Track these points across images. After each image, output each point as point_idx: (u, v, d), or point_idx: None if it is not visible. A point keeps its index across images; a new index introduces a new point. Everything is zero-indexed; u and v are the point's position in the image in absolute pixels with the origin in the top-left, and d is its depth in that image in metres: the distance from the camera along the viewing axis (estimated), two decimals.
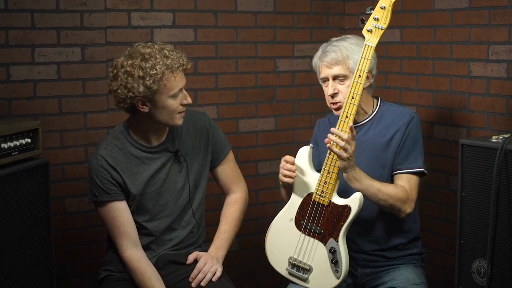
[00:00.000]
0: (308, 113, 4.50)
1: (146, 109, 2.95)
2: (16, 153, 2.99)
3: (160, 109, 2.95)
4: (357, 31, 3.86)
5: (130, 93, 2.89)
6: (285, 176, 3.03)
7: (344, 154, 2.86)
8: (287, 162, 3.04)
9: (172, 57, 2.93)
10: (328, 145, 2.89)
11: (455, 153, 3.30)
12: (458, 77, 3.76)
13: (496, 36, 3.53)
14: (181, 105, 2.99)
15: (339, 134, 2.86)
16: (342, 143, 2.85)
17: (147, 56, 2.90)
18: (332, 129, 2.89)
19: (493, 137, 3.01)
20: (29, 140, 3.08)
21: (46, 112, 3.72)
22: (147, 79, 2.87)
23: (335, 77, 3.10)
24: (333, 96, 3.12)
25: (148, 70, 2.87)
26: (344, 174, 2.92)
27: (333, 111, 3.16)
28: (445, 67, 3.83)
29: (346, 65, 3.06)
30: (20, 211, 2.97)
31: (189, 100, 3.00)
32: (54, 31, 3.71)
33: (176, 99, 2.96)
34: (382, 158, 3.12)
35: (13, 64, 3.62)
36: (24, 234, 3.00)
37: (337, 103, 3.11)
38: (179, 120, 3.01)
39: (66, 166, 3.80)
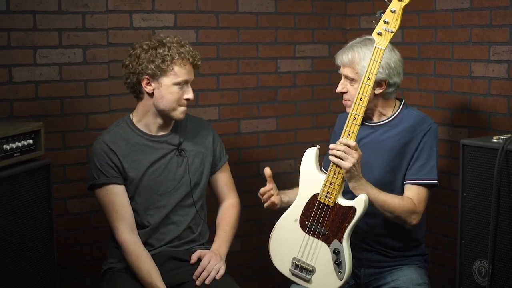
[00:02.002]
0: (310, 114, 4.51)
1: (150, 89, 3.08)
2: (18, 154, 3.00)
3: (163, 92, 3.07)
4: (359, 32, 3.88)
5: (140, 68, 3.07)
6: (267, 203, 3.14)
7: (345, 164, 2.86)
8: (262, 194, 3.14)
9: (187, 49, 3.10)
10: (329, 151, 2.90)
11: (457, 154, 3.30)
12: (459, 78, 3.77)
13: (497, 36, 3.54)
14: (184, 99, 3.10)
15: (338, 147, 2.87)
16: (339, 153, 2.86)
17: (165, 41, 3.10)
18: (331, 145, 2.90)
19: (494, 138, 3.01)
20: (31, 141, 3.08)
21: (48, 113, 3.73)
22: (158, 58, 3.04)
23: (345, 76, 3.12)
24: (342, 93, 3.15)
25: (161, 51, 3.05)
26: (350, 184, 2.92)
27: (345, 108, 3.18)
28: (447, 67, 3.84)
29: (354, 69, 3.07)
30: (22, 212, 2.98)
31: (191, 96, 3.12)
32: (56, 33, 3.71)
33: (180, 88, 3.09)
34: (394, 161, 3.11)
35: (15, 65, 3.63)
36: (26, 235, 3.01)
37: (345, 100, 3.14)
38: (180, 114, 3.12)
39: (68, 167, 3.81)
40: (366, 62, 3.01)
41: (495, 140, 2.99)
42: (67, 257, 3.82)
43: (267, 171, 3.11)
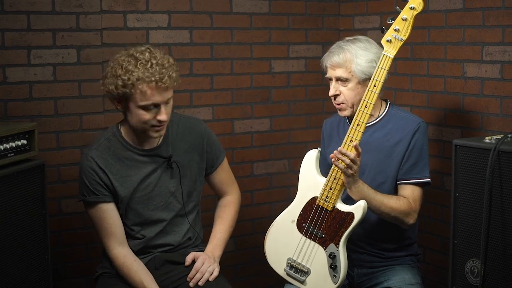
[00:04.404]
0: (304, 114, 4.52)
1: (120, 108, 2.99)
2: (12, 154, 3.00)
3: (131, 114, 2.95)
4: (353, 32, 3.89)
5: (105, 88, 2.94)
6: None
7: (349, 171, 2.87)
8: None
9: (151, 70, 2.87)
10: (333, 160, 2.90)
11: (449, 154, 3.31)
12: (452, 78, 3.78)
13: (490, 37, 3.55)
14: (156, 119, 2.93)
15: (347, 154, 2.86)
16: (348, 161, 2.85)
17: (133, 60, 2.90)
18: (340, 148, 2.89)
19: (486, 138, 3.02)
20: (25, 142, 3.09)
21: (42, 114, 3.73)
22: (119, 80, 2.88)
23: (338, 78, 3.11)
24: (334, 97, 3.13)
25: (123, 71, 2.88)
26: (348, 189, 2.93)
27: (338, 111, 3.18)
28: (439, 68, 3.85)
29: (348, 68, 3.07)
30: (16, 212, 2.98)
31: (163, 117, 2.92)
32: (50, 33, 3.72)
33: (147, 111, 2.91)
34: (384, 161, 3.13)
35: (9, 65, 3.63)
36: (21, 235, 3.01)
37: (339, 104, 3.13)
38: (152, 133, 2.98)
39: (62, 167, 3.81)
40: (361, 59, 3.03)
41: (487, 141, 2.99)
42: (61, 257, 3.82)
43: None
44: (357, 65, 3.04)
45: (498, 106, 3.53)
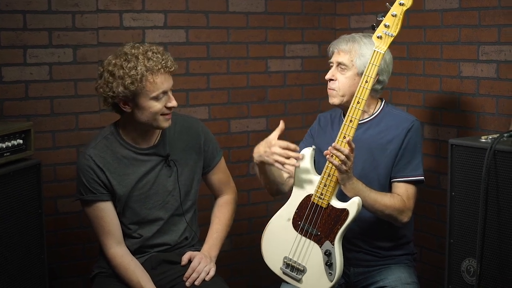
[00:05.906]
0: (300, 113, 4.52)
1: (128, 109, 2.97)
2: (8, 154, 3.00)
3: (141, 110, 2.96)
4: (349, 31, 3.88)
5: (111, 93, 2.92)
6: (277, 161, 2.96)
7: (344, 167, 2.86)
8: (279, 146, 2.98)
9: (154, 59, 2.92)
10: (327, 156, 2.90)
11: (445, 153, 3.32)
12: (448, 77, 3.78)
13: (486, 36, 3.55)
14: (166, 107, 2.98)
15: (341, 150, 2.86)
16: (343, 157, 2.85)
17: (130, 56, 2.92)
18: (334, 144, 2.90)
19: (482, 137, 3.02)
20: (21, 141, 3.08)
21: (38, 113, 3.73)
22: (126, 79, 2.88)
23: (338, 64, 3.12)
24: (329, 80, 3.15)
25: (127, 70, 2.89)
26: (342, 186, 2.93)
27: (328, 97, 3.18)
28: (435, 67, 3.85)
29: (351, 57, 3.09)
30: (12, 212, 2.98)
31: (174, 103, 3.00)
32: (46, 32, 3.71)
33: (158, 101, 2.95)
34: (377, 159, 3.13)
35: (5, 65, 3.62)
36: (17, 234, 3.01)
37: (331, 89, 3.14)
38: (163, 123, 3.01)
39: (58, 166, 3.81)
40: (364, 51, 3.06)
41: (483, 140, 3.00)
42: (57, 257, 3.82)
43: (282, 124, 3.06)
44: (361, 56, 3.06)
45: (494, 106, 3.54)
